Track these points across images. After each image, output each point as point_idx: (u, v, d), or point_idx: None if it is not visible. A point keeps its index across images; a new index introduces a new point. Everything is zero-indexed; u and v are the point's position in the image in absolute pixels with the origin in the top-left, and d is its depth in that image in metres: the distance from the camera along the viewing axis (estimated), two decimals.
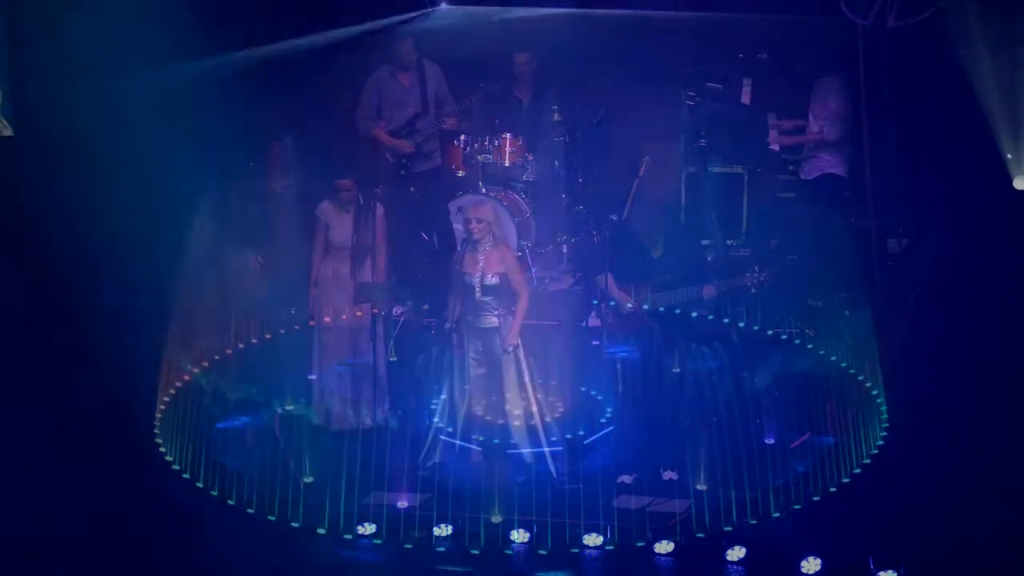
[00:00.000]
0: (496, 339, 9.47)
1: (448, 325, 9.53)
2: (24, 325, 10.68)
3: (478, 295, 9.45)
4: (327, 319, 10.00)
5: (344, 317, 9.96)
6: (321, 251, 10.20)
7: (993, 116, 10.51)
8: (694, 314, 10.39)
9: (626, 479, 9.14)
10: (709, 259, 11.58)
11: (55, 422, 9.72)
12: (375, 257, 10.08)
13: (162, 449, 9.41)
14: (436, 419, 9.58)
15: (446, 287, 9.71)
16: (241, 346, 10.40)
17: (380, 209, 10.17)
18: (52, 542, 8.39)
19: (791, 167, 12.20)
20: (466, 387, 9.51)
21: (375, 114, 11.80)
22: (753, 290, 10.28)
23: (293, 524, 8.62)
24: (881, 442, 9.41)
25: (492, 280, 9.46)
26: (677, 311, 10.35)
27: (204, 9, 11.14)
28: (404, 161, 11.76)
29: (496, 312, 9.49)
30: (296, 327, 10.71)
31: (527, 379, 9.51)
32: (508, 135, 12.04)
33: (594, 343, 10.71)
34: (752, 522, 8.52)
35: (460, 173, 12.04)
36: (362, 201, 10.06)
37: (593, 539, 8.42)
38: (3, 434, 9.54)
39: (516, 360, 9.50)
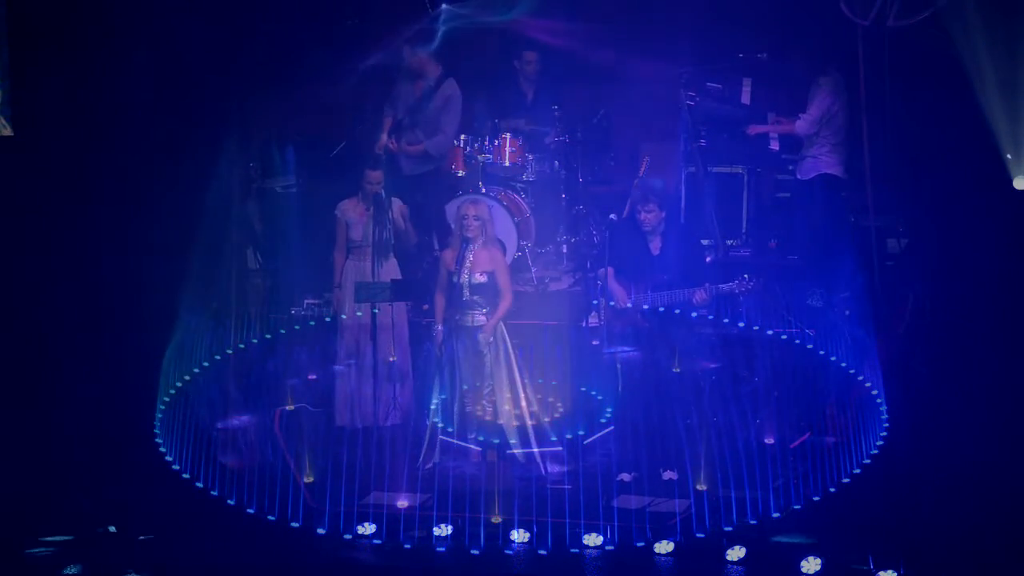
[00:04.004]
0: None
1: (435, 324, 9.56)
2: (24, 325, 10.68)
3: (466, 294, 9.47)
4: (344, 315, 10.01)
5: (359, 314, 9.96)
6: (343, 251, 10.18)
7: (993, 116, 10.50)
8: (694, 314, 10.39)
9: (625, 477, 9.14)
10: (708, 259, 11.58)
11: (55, 422, 9.72)
12: (396, 253, 10.13)
13: (162, 449, 9.42)
14: (434, 419, 9.59)
15: (434, 285, 9.74)
16: (241, 346, 10.41)
17: (397, 204, 10.20)
18: (52, 542, 8.38)
19: (791, 167, 12.21)
20: (464, 387, 9.52)
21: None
22: (741, 298, 10.30)
23: (293, 524, 8.62)
24: (881, 442, 9.41)
25: (480, 279, 9.47)
26: (676, 311, 10.35)
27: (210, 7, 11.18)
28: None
29: (483, 311, 9.51)
30: (296, 327, 10.73)
31: (518, 378, 9.52)
32: (508, 135, 12.03)
33: (594, 343, 10.71)
34: (752, 522, 8.52)
35: (460, 173, 12.03)
36: (383, 195, 10.04)
37: (593, 539, 8.42)
38: (3, 434, 9.54)
39: (507, 360, 9.51)
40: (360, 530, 8.55)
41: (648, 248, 10.66)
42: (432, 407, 9.63)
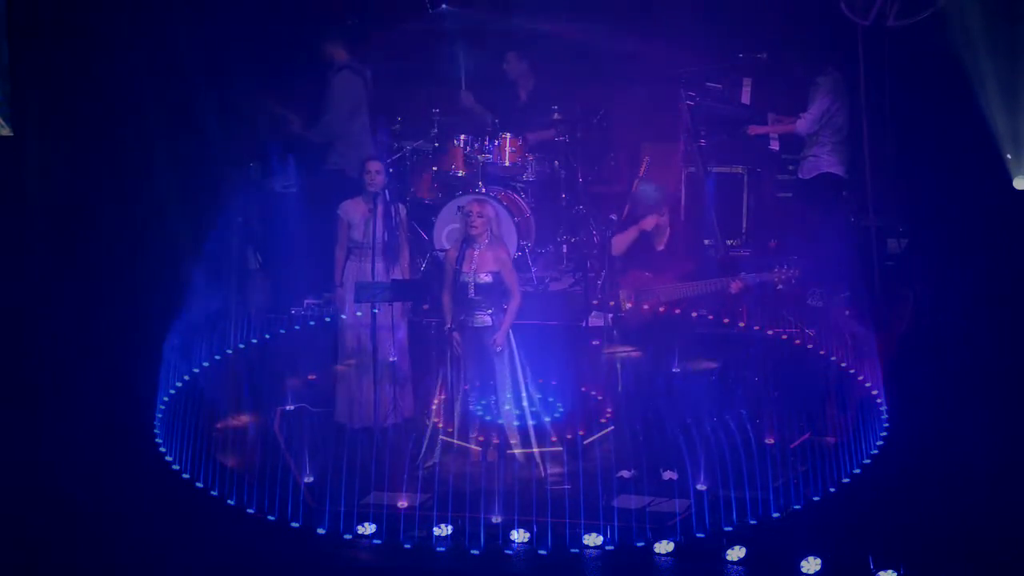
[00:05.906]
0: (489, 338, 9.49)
1: (448, 326, 9.52)
2: (24, 325, 10.68)
3: (471, 294, 9.44)
4: (343, 315, 10.01)
5: (360, 314, 9.96)
6: (344, 249, 10.15)
7: (993, 116, 10.51)
8: (694, 314, 10.38)
9: (625, 474, 9.15)
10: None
11: (55, 421, 9.72)
12: (400, 255, 10.13)
13: (162, 449, 9.42)
14: (435, 419, 9.58)
15: (440, 285, 9.73)
16: (242, 346, 10.41)
17: (403, 209, 10.23)
18: (51, 542, 8.38)
19: (791, 167, 12.21)
20: (465, 387, 9.51)
21: None
22: (780, 286, 10.17)
23: (293, 524, 8.62)
24: (881, 442, 9.41)
25: (485, 279, 9.42)
26: (677, 310, 10.34)
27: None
28: None
29: (489, 312, 9.47)
30: (296, 327, 10.73)
31: (521, 379, 9.50)
32: (508, 135, 12.03)
33: (594, 343, 10.71)
34: (752, 522, 8.52)
35: (460, 173, 12.03)
36: (388, 198, 10.02)
37: (593, 539, 8.42)
38: (3, 433, 9.54)
39: (511, 360, 9.49)
40: (360, 530, 8.54)
41: (653, 245, 10.67)
42: (432, 407, 9.63)
